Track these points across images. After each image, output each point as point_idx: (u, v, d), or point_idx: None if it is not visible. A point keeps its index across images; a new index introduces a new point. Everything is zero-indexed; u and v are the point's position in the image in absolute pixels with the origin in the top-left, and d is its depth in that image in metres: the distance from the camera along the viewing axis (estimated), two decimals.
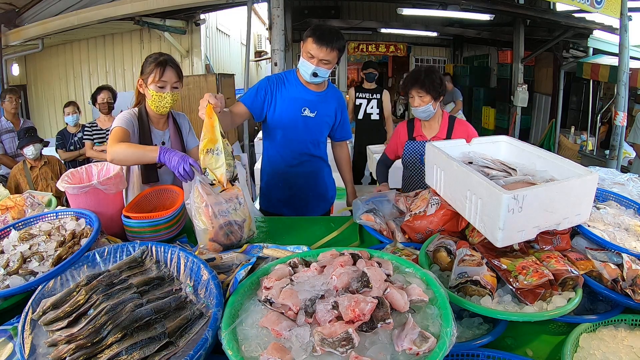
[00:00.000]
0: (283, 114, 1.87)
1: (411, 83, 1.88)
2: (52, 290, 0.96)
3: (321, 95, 1.91)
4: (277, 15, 3.66)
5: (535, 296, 0.92)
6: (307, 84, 1.87)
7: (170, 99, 1.65)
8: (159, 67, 1.59)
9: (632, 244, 1.13)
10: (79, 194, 1.31)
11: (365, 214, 1.50)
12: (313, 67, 1.73)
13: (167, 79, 1.61)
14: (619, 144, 4.12)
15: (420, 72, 1.89)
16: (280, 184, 2.03)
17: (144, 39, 6.26)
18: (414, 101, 1.88)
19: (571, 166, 1.20)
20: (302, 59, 1.77)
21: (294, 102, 1.87)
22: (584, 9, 3.88)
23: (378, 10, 8.45)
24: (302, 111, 1.88)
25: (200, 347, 0.76)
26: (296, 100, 1.87)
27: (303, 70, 1.79)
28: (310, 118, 1.90)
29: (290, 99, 1.87)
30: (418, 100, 1.87)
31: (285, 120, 1.88)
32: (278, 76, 1.93)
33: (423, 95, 1.85)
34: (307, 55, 1.73)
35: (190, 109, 5.33)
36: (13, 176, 3.21)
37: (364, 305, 0.75)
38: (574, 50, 6.25)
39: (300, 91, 1.88)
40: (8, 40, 4.91)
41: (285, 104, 1.87)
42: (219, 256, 1.14)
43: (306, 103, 1.88)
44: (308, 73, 1.76)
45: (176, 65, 1.67)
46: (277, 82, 1.89)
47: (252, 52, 8.85)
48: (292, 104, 1.87)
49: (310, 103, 1.89)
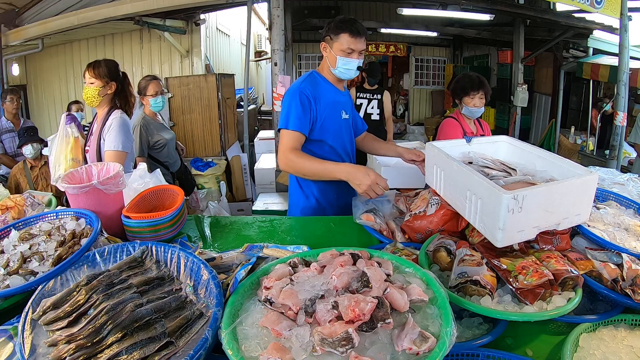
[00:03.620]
0: (328, 122, 1.75)
1: (472, 87, 2.22)
2: (52, 290, 0.96)
3: (346, 93, 1.87)
4: (277, 15, 3.66)
5: (535, 296, 0.92)
6: (336, 83, 1.79)
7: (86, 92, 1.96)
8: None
9: (632, 244, 1.13)
10: (79, 194, 1.31)
11: (365, 214, 1.50)
12: (358, 61, 1.69)
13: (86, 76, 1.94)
14: (619, 144, 4.12)
15: (475, 77, 2.24)
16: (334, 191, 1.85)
17: (144, 39, 6.27)
18: (475, 102, 2.22)
19: (571, 166, 1.20)
20: (341, 58, 1.68)
21: (333, 107, 1.77)
22: (584, 9, 3.88)
23: (378, 10, 8.46)
24: (341, 115, 1.80)
25: (200, 347, 0.76)
26: (334, 104, 1.78)
27: (345, 69, 1.70)
28: (346, 120, 1.83)
29: (329, 104, 1.75)
30: (480, 102, 2.21)
31: (331, 128, 1.76)
32: (307, 84, 1.72)
33: (483, 97, 2.21)
34: (345, 52, 1.66)
35: (190, 109, 5.33)
36: (13, 176, 3.22)
37: (364, 305, 0.75)
38: (574, 50, 6.25)
39: (334, 94, 1.79)
40: (8, 40, 4.91)
41: (327, 110, 1.75)
42: (219, 256, 1.14)
43: (342, 106, 1.81)
44: (353, 69, 1.70)
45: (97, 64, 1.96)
46: (313, 90, 1.71)
47: (252, 52, 8.85)
48: (333, 109, 1.77)
49: (344, 105, 1.82)
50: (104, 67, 1.97)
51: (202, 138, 5.44)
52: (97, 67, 1.96)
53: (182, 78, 5.44)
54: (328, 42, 1.72)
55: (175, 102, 5.30)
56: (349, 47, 1.66)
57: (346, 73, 1.72)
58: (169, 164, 3.02)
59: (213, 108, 5.33)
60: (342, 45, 1.66)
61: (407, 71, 9.90)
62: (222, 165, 5.21)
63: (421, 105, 10.01)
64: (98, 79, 1.96)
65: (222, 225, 1.58)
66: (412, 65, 9.72)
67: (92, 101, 1.98)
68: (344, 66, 1.70)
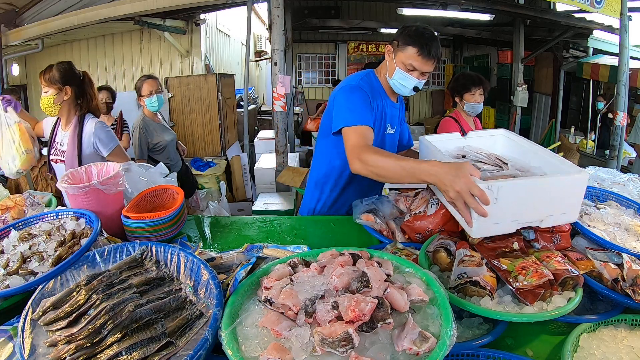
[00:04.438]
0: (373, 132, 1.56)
1: (473, 83, 2.28)
2: (52, 291, 0.96)
3: (398, 106, 1.69)
4: (277, 15, 3.66)
5: (535, 296, 0.92)
6: (390, 93, 1.62)
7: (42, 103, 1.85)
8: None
9: (632, 244, 1.13)
10: (78, 194, 1.31)
11: (365, 214, 1.50)
12: (415, 82, 1.51)
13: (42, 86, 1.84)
14: (619, 144, 4.12)
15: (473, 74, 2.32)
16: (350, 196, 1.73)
17: (144, 39, 6.26)
18: (476, 97, 2.28)
19: (565, 165, 1.17)
20: (400, 71, 1.51)
21: (380, 119, 1.60)
22: (584, 9, 3.88)
23: (378, 10, 8.46)
24: (387, 128, 1.64)
25: (200, 347, 0.76)
26: (382, 115, 1.60)
27: (400, 84, 1.53)
28: (391, 135, 1.66)
29: (377, 114, 1.57)
30: (480, 98, 2.29)
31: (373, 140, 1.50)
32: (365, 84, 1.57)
33: (483, 93, 2.29)
34: (406, 67, 1.49)
35: (190, 109, 5.34)
36: None
37: (364, 305, 0.75)
38: (574, 50, 6.26)
39: (386, 104, 1.61)
40: (8, 40, 4.91)
41: (375, 120, 1.56)
42: (219, 256, 1.14)
43: (390, 119, 1.64)
44: (408, 88, 1.53)
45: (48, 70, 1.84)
46: (370, 93, 1.55)
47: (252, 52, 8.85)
48: (379, 120, 1.60)
49: (392, 118, 1.65)
50: (55, 71, 1.83)
51: (202, 138, 5.44)
52: (47, 73, 1.82)
53: (182, 78, 5.44)
54: (394, 48, 1.53)
55: (175, 102, 5.30)
56: (410, 63, 1.48)
57: (400, 89, 1.56)
58: (170, 165, 3.01)
59: (213, 108, 5.33)
60: (407, 59, 1.48)
61: None
62: (222, 165, 5.21)
63: (421, 105, 10.02)
64: (50, 86, 1.82)
65: (222, 225, 1.57)
66: None
67: (51, 111, 1.85)
68: (400, 81, 1.54)
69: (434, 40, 1.49)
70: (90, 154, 1.94)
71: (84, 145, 1.92)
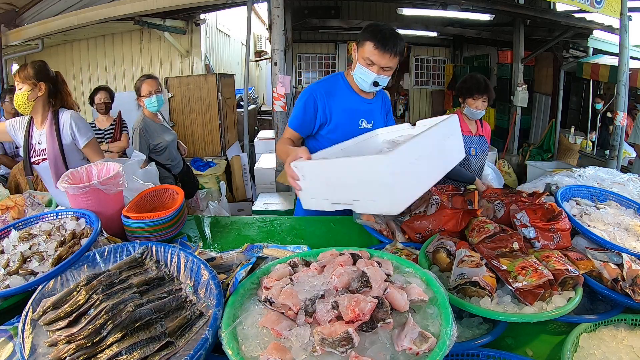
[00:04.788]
0: (339, 129, 1.67)
1: (478, 90, 2.21)
2: (52, 290, 0.96)
3: (375, 101, 1.75)
4: (277, 15, 3.66)
5: (535, 296, 0.92)
6: (360, 91, 1.69)
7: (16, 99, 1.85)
8: None
9: (632, 243, 1.14)
10: (79, 194, 1.31)
11: (365, 214, 1.50)
12: (374, 76, 1.55)
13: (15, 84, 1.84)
14: (619, 144, 4.11)
15: (482, 81, 2.24)
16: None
17: (144, 39, 6.27)
18: (478, 105, 2.23)
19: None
20: (360, 66, 1.57)
21: (349, 114, 1.67)
22: (584, 9, 3.87)
23: (378, 10, 8.46)
24: (359, 124, 1.70)
25: (201, 347, 0.76)
26: (351, 111, 1.68)
27: (361, 79, 1.60)
28: (367, 130, 1.70)
29: (344, 110, 1.67)
30: (482, 105, 2.24)
31: (342, 136, 1.62)
32: (324, 85, 1.70)
33: (486, 101, 2.24)
34: (365, 62, 1.55)
35: (190, 109, 5.33)
36: (13, 176, 3.21)
37: (364, 305, 0.75)
38: (574, 50, 6.25)
39: (354, 101, 1.68)
40: (8, 40, 4.91)
41: (340, 117, 1.66)
42: (219, 256, 1.14)
43: (363, 114, 1.70)
44: (368, 83, 1.58)
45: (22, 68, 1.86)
46: (326, 93, 1.67)
47: (252, 52, 8.85)
48: (348, 116, 1.67)
49: (367, 113, 1.71)
50: (30, 68, 1.86)
51: (202, 138, 5.45)
52: (22, 70, 1.85)
53: (182, 78, 5.44)
54: (356, 45, 1.60)
55: (175, 102, 5.30)
56: (368, 58, 1.53)
57: (362, 83, 1.62)
58: (170, 166, 3.00)
59: (213, 108, 5.33)
60: (364, 54, 1.54)
61: (407, 71, 9.90)
62: (222, 165, 5.21)
63: (421, 105, 10.01)
64: (25, 83, 1.84)
65: (222, 225, 1.58)
66: (412, 65, 9.71)
67: (24, 108, 1.86)
68: (360, 75, 1.60)
69: (392, 36, 1.52)
70: (69, 144, 1.92)
71: (63, 136, 1.91)
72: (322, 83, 1.72)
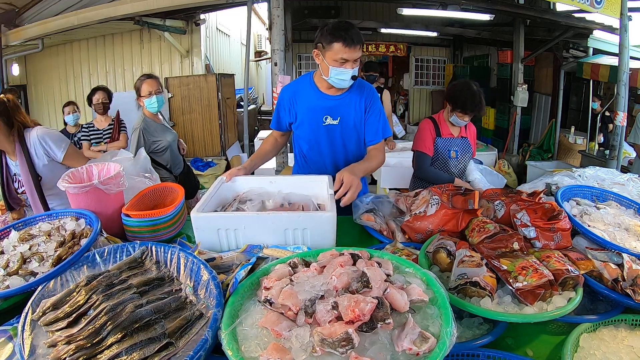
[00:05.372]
0: (305, 126, 1.79)
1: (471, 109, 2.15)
2: (52, 291, 0.96)
3: (342, 98, 1.77)
4: (277, 15, 3.66)
5: (535, 297, 0.92)
6: (325, 89, 1.75)
7: None
8: None
9: (632, 244, 1.13)
10: (79, 194, 1.31)
11: (365, 214, 1.50)
12: (351, 72, 1.61)
13: None
14: (619, 144, 4.11)
15: (476, 98, 2.15)
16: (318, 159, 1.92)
17: (144, 39, 6.27)
18: (464, 118, 2.19)
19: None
20: (333, 68, 1.61)
21: (313, 112, 1.77)
22: (584, 9, 3.87)
23: (378, 10, 8.46)
24: (323, 120, 1.77)
25: (200, 348, 0.76)
26: (315, 109, 1.77)
27: (338, 79, 1.64)
28: (334, 126, 1.78)
29: (308, 108, 1.77)
30: (467, 118, 2.21)
31: (308, 132, 1.79)
32: (293, 86, 1.84)
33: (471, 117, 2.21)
34: (338, 62, 1.59)
35: (190, 109, 5.34)
36: None
37: (363, 306, 0.75)
38: (574, 50, 6.24)
39: (318, 98, 1.76)
40: (8, 40, 4.91)
41: (304, 115, 1.78)
42: (219, 256, 1.14)
43: (327, 111, 1.76)
44: (347, 80, 1.63)
45: None
46: (294, 93, 1.80)
47: (252, 52, 8.85)
48: (312, 114, 1.77)
49: (331, 110, 1.77)
50: None
51: (202, 138, 5.45)
52: None
53: (182, 78, 5.45)
54: (320, 51, 1.63)
55: (175, 102, 5.31)
56: (341, 57, 1.58)
57: (341, 83, 1.66)
58: (171, 166, 3.00)
59: (213, 108, 5.34)
60: (336, 55, 1.58)
61: (407, 71, 9.89)
62: (222, 165, 5.22)
63: (421, 105, 10.01)
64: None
65: None
66: (412, 65, 9.71)
67: None
68: (338, 76, 1.63)
69: (352, 28, 1.59)
70: (47, 164, 1.78)
71: (36, 158, 1.77)
72: (291, 84, 1.87)
